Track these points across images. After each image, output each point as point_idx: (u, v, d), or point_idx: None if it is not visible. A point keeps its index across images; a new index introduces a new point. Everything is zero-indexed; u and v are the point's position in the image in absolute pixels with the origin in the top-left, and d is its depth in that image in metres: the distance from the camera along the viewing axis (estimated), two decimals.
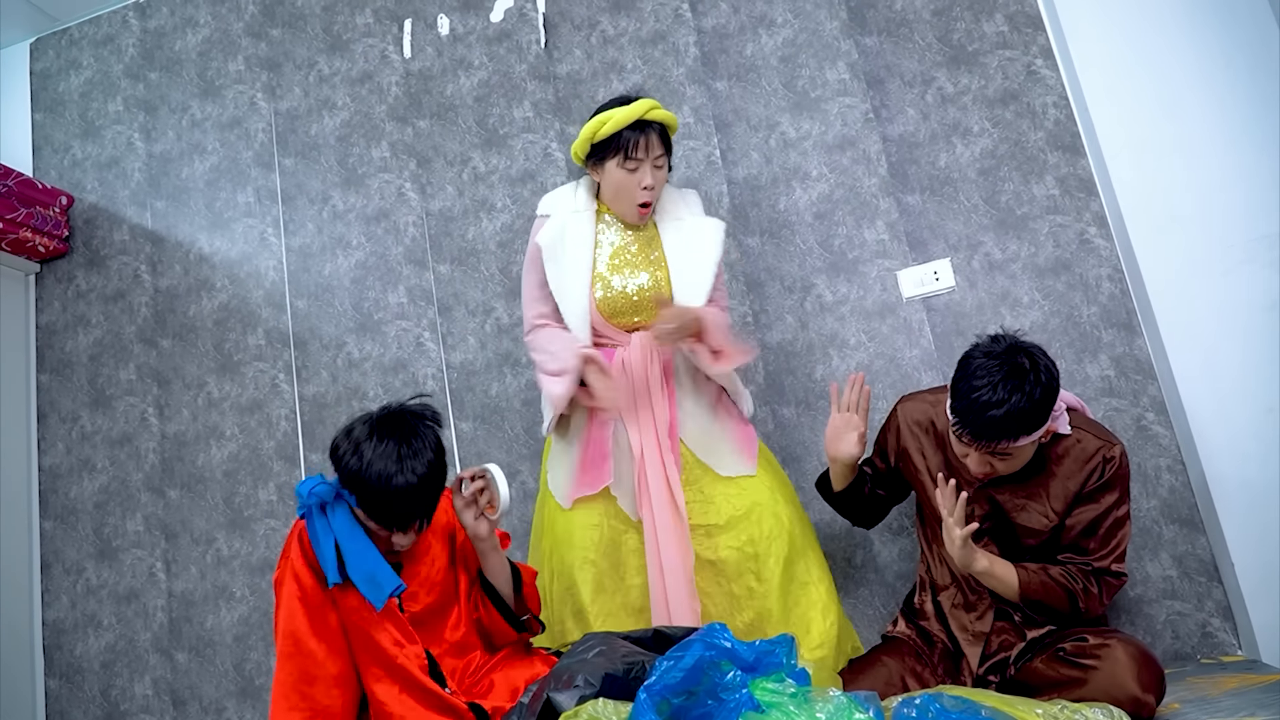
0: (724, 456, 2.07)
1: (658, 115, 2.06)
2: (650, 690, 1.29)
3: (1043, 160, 2.51)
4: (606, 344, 2.11)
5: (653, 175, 2.06)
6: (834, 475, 2.05)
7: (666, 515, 1.99)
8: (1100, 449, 1.78)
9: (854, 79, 2.68)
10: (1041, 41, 2.57)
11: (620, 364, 2.07)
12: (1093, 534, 1.78)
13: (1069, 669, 1.68)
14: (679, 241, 2.12)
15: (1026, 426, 1.68)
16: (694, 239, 2.13)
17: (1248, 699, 1.69)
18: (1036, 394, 1.67)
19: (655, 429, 2.04)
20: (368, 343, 2.92)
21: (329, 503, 1.63)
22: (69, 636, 2.97)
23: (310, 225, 3.06)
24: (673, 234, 2.14)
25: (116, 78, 3.40)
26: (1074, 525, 1.79)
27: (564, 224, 2.15)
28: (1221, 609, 2.19)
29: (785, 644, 1.41)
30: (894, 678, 1.84)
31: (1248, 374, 2.20)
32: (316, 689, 1.60)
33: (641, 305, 2.10)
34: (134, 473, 3.03)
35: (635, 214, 2.11)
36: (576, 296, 2.09)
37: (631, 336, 2.10)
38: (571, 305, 2.09)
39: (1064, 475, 1.79)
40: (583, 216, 2.15)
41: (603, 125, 2.05)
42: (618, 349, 2.10)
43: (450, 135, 2.99)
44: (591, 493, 2.05)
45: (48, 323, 3.27)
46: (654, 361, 2.07)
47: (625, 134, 2.04)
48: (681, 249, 2.11)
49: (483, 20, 3.03)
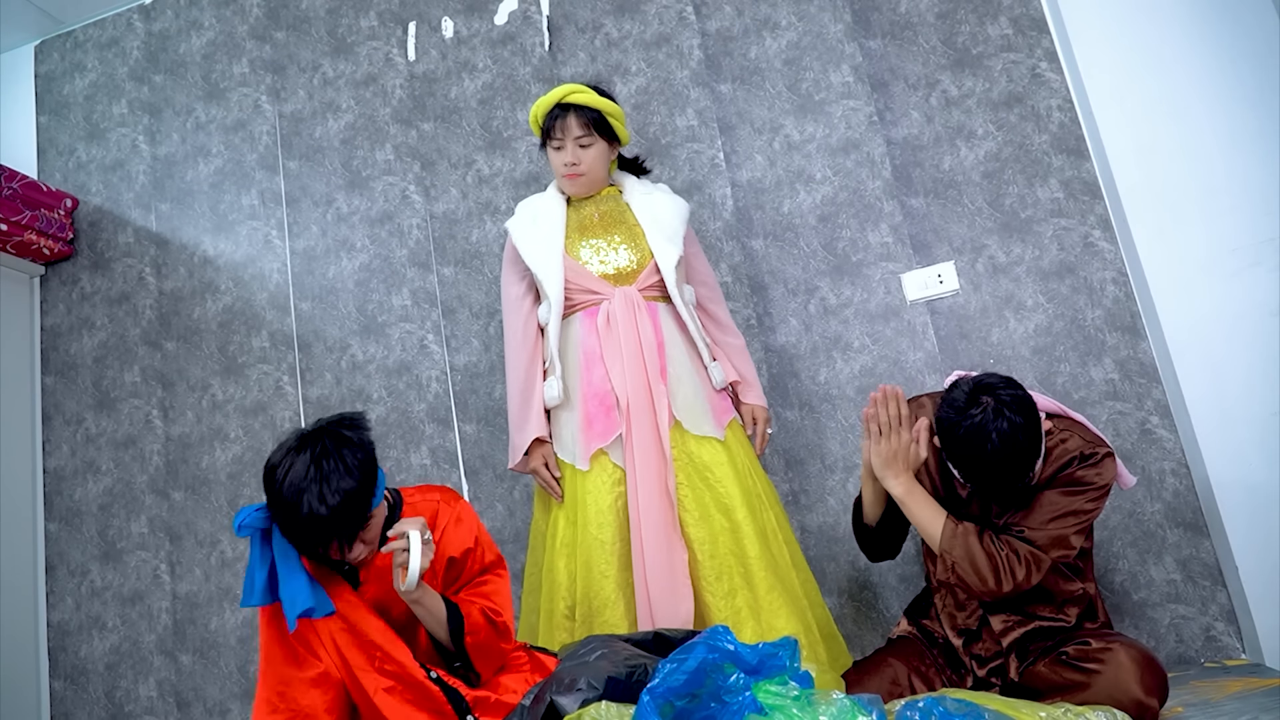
0: (697, 415, 2.10)
1: (574, 99, 2.18)
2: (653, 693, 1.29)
3: (1047, 163, 2.51)
4: (589, 301, 2.16)
5: (574, 153, 2.19)
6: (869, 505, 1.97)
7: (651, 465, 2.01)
8: (1081, 448, 1.75)
9: (858, 82, 2.68)
10: (1046, 44, 2.57)
11: (605, 316, 2.12)
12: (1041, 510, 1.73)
13: (1072, 672, 1.68)
14: (648, 205, 2.25)
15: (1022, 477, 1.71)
16: (658, 207, 2.25)
17: (1251, 703, 1.69)
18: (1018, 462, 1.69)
19: (647, 378, 2.07)
20: (372, 345, 2.92)
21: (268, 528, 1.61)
22: (74, 638, 2.97)
23: (314, 228, 3.07)
24: (643, 203, 2.25)
25: (121, 80, 3.41)
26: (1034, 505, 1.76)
27: (534, 211, 2.28)
28: (1225, 613, 2.19)
29: (789, 647, 1.41)
30: (899, 679, 1.84)
31: (1252, 377, 2.20)
32: (295, 690, 1.61)
33: (618, 259, 2.18)
34: (138, 475, 3.04)
35: (567, 184, 2.25)
36: (550, 256, 2.17)
37: (615, 290, 2.14)
38: (546, 267, 2.16)
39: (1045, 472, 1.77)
40: (551, 202, 2.28)
41: (536, 112, 2.23)
42: (602, 303, 2.14)
43: (454, 138, 3.00)
44: (604, 443, 2.06)
45: (52, 325, 3.27)
46: (641, 312, 2.12)
47: (546, 121, 2.21)
48: (648, 214, 2.23)
49: (487, 23, 3.04)
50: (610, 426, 2.07)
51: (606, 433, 2.07)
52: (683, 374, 2.13)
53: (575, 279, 2.15)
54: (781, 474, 2.52)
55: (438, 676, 1.62)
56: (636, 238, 2.20)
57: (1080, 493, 1.72)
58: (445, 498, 1.79)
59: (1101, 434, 1.82)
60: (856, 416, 2.50)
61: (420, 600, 1.62)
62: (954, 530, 1.76)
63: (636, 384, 2.06)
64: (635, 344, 2.09)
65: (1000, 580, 1.71)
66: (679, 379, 2.12)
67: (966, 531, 1.75)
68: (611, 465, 2.06)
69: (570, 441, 2.12)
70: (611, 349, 2.10)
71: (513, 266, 2.26)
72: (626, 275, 2.17)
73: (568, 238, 2.21)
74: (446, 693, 1.60)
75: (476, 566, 1.76)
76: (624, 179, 2.32)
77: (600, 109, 2.19)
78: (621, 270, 2.17)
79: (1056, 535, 1.71)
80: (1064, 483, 1.74)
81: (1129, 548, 2.26)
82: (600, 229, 2.21)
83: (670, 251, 2.16)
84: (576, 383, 2.13)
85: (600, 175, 2.24)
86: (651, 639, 1.79)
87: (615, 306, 2.12)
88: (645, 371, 2.07)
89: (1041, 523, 1.72)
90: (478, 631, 1.66)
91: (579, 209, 2.26)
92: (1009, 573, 1.71)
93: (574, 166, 2.19)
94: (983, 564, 1.72)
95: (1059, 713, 1.45)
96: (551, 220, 2.23)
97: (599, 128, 2.19)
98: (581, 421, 2.10)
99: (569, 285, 2.15)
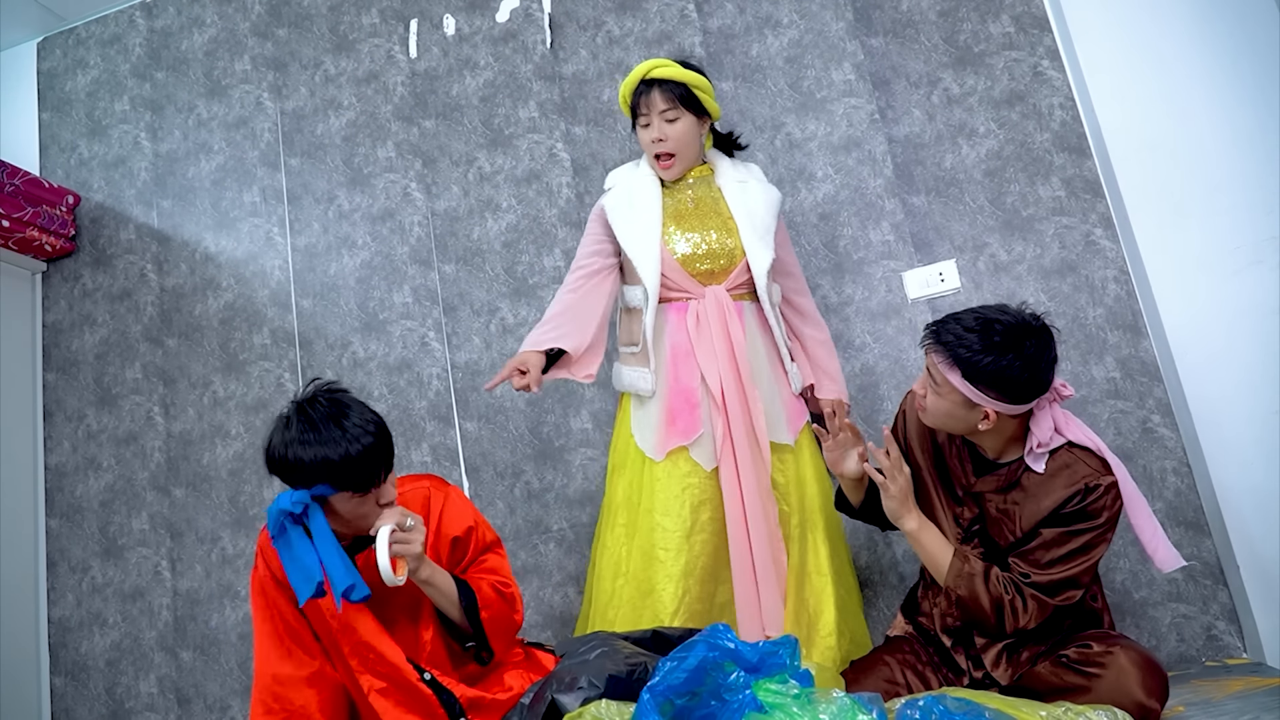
0: (774, 420, 2.12)
1: (657, 73, 2.15)
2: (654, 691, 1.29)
3: (1049, 161, 2.51)
4: (679, 297, 2.16)
5: (660, 129, 2.15)
6: (847, 491, 2.02)
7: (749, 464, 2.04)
8: (1087, 476, 1.70)
9: (860, 80, 2.68)
10: (1048, 42, 2.57)
11: (695, 316, 2.12)
12: (1047, 549, 1.71)
13: (1073, 675, 1.68)
14: (742, 200, 2.20)
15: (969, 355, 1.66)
16: (753, 201, 2.21)
17: (1252, 702, 1.69)
18: (999, 336, 1.65)
19: (739, 380, 2.07)
20: (373, 342, 2.92)
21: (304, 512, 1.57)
22: (74, 634, 2.98)
23: (316, 225, 3.07)
24: (737, 194, 2.21)
25: (123, 77, 3.41)
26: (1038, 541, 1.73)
27: (630, 189, 2.24)
28: (1227, 612, 2.19)
29: (789, 645, 1.41)
30: (897, 677, 1.83)
31: (1254, 376, 2.20)
32: (289, 689, 1.61)
33: (713, 254, 2.16)
34: (139, 471, 3.04)
35: (657, 167, 2.21)
36: (648, 246, 2.15)
37: (706, 289, 2.14)
38: (644, 257, 2.14)
39: (1044, 494, 1.73)
40: (646, 182, 2.24)
41: (624, 92, 2.21)
42: (690, 301, 2.14)
43: (456, 135, 2.99)
44: (685, 441, 2.07)
45: (54, 321, 3.28)
46: (731, 315, 2.12)
47: (632, 99, 2.19)
48: (743, 210, 2.19)
49: (488, 20, 3.04)
50: (693, 425, 2.08)
51: (689, 431, 2.08)
52: (761, 377, 2.13)
53: (670, 275, 2.14)
54: None
55: (432, 678, 1.62)
56: (731, 231, 2.17)
57: (1084, 532, 1.69)
58: (434, 484, 1.79)
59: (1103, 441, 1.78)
60: (858, 415, 2.50)
61: (430, 580, 1.62)
62: (960, 568, 1.76)
63: (731, 386, 2.07)
64: (727, 345, 2.10)
65: (1003, 623, 1.72)
66: (762, 384, 2.12)
67: (973, 572, 1.74)
68: (688, 461, 2.07)
69: (649, 431, 2.12)
70: (703, 348, 2.10)
71: (601, 233, 2.23)
72: (719, 273, 2.16)
73: (664, 225, 2.18)
74: (440, 694, 1.60)
75: (479, 545, 1.77)
76: (717, 159, 2.29)
77: (687, 81, 2.15)
78: (714, 268, 2.16)
79: (1063, 577, 1.69)
80: (1069, 519, 1.70)
81: (1130, 546, 2.26)
82: (695, 219, 2.18)
83: (764, 254, 2.14)
84: (663, 375, 2.14)
85: (691, 153, 2.21)
86: (650, 637, 1.79)
87: (706, 306, 2.12)
88: (738, 374, 2.08)
89: (1048, 563, 1.70)
90: (491, 605, 1.67)
91: (674, 193, 2.23)
92: (1011, 616, 1.71)
93: (661, 143, 2.16)
94: (987, 605, 1.72)
95: (1060, 712, 1.45)
96: (648, 205, 2.19)
97: (686, 102, 2.16)
98: (665, 415, 2.11)
99: (664, 279, 2.14)
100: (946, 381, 1.70)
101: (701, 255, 2.15)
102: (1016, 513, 1.76)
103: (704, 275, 2.15)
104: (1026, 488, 1.75)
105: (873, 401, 2.51)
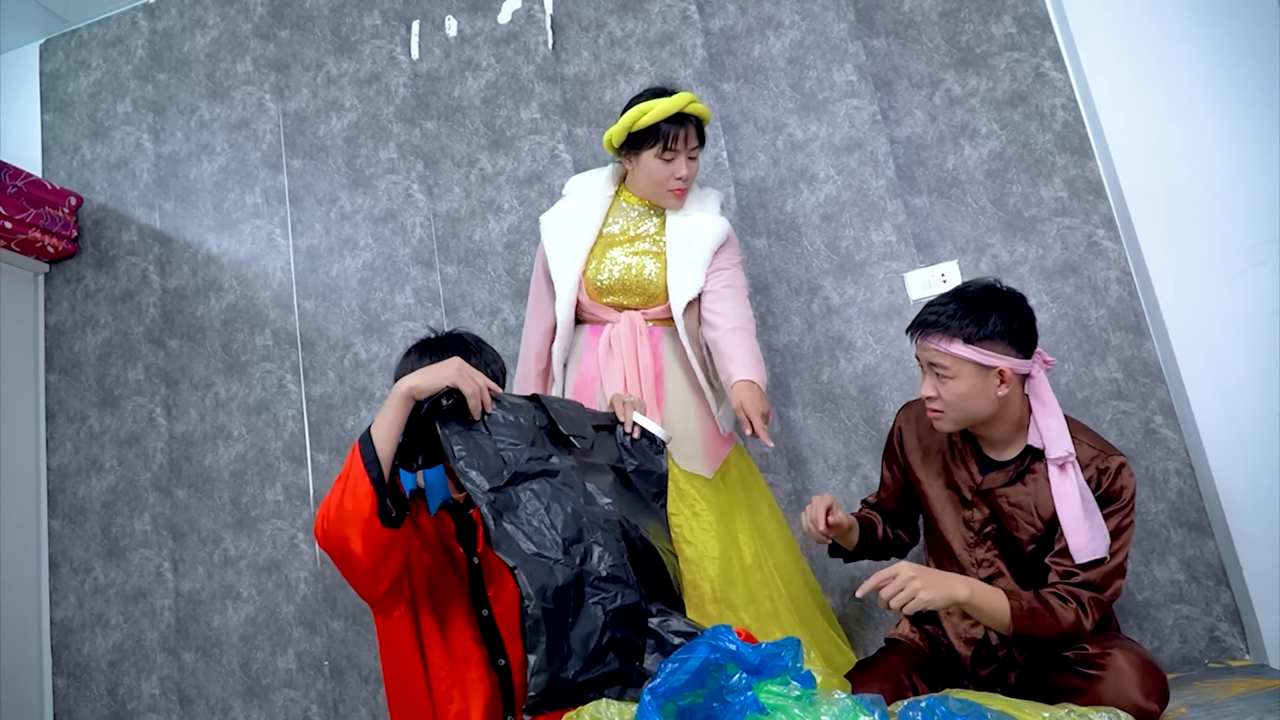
0: (688, 453, 2.06)
1: (697, 109, 2.10)
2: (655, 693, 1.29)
3: (1051, 162, 2.51)
4: (592, 320, 2.16)
5: (687, 166, 2.11)
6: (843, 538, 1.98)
7: None
8: (1094, 459, 1.71)
9: (861, 81, 2.68)
10: (1050, 43, 2.57)
11: (607, 341, 2.10)
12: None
13: (1072, 678, 1.67)
14: (680, 234, 2.15)
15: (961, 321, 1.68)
16: (695, 233, 2.15)
17: (1255, 704, 1.68)
18: (977, 295, 1.70)
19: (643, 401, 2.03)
20: (375, 343, 2.92)
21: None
22: (76, 635, 2.98)
23: (318, 226, 3.07)
24: (678, 227, 2.16)
25: (125, 79, 3.42)
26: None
27: (575, 204, 2.22)
28: (1229, 613, 2.18)
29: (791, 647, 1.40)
30: (899, 680, 1.83)
31: (1256, 377, 2.19)
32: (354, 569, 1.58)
33: (629, 287, 2.12)
34: (142, 472, 3.04)
35: (671, 199, 2.15)
36: (569, 270, 2.13)
37: (620, 315, 2.12)
38: (563, 277, 2.14)
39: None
40: (597, 199, 2.20)
41: (643, 115, 2.06)
42: (605, 325, 2.13)
43: (457, 137, 3.00)
44: None
45: (56, 323, 3.28)
46: (643, 339, 2.09)
47: (664, 126, 2.07)
48: (681, 242, 2.14)
49: (490, 22, 3.04)
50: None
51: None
52: (678, 409, 2.09)
53: (587, 304, 2.14)
54: (785, 473, 2.51)
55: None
56: (661, 265, 2.12)
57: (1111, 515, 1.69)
58: None
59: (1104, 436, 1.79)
60: (860, 416, 2.50)
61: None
62: (1021, 609, 1.66)
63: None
64: (634, 370, 2.07)
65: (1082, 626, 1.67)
66: (674, 413, 2.08)
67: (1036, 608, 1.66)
68: None
69: None
70: (611, 372, 2.07)
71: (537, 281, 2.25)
72: (634, 305, 2.13)
73: (597, 242, 2.16)
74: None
75: None
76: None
77: (707, 120, 2.14)
78: (627, 302, 2.13)
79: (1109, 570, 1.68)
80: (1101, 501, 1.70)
81: (1132, 548, 2.25)
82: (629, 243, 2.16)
83: (685, 287, 2.08)
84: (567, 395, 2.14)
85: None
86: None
87: (620, 331, 2.10)
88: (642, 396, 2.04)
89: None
90: None
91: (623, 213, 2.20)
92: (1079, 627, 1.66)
93: (683, 181, 2.11)
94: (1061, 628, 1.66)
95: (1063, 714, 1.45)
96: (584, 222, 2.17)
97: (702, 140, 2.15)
98: None
99: (580, 306, 2.14)
100: (954, 358, 1.70)
101: (616, 286, 2.11)
102: (1031, 503, 1.76)
103: (616, 306, 2.13)
104: (1039, 475, 1.75)
105: (875, 403, 2.51)
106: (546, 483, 1.55)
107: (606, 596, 1.47)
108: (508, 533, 1.47)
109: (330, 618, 2.77)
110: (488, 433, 1.58)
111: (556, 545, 1.48)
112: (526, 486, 1.54)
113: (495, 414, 1.61)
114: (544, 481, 1.55)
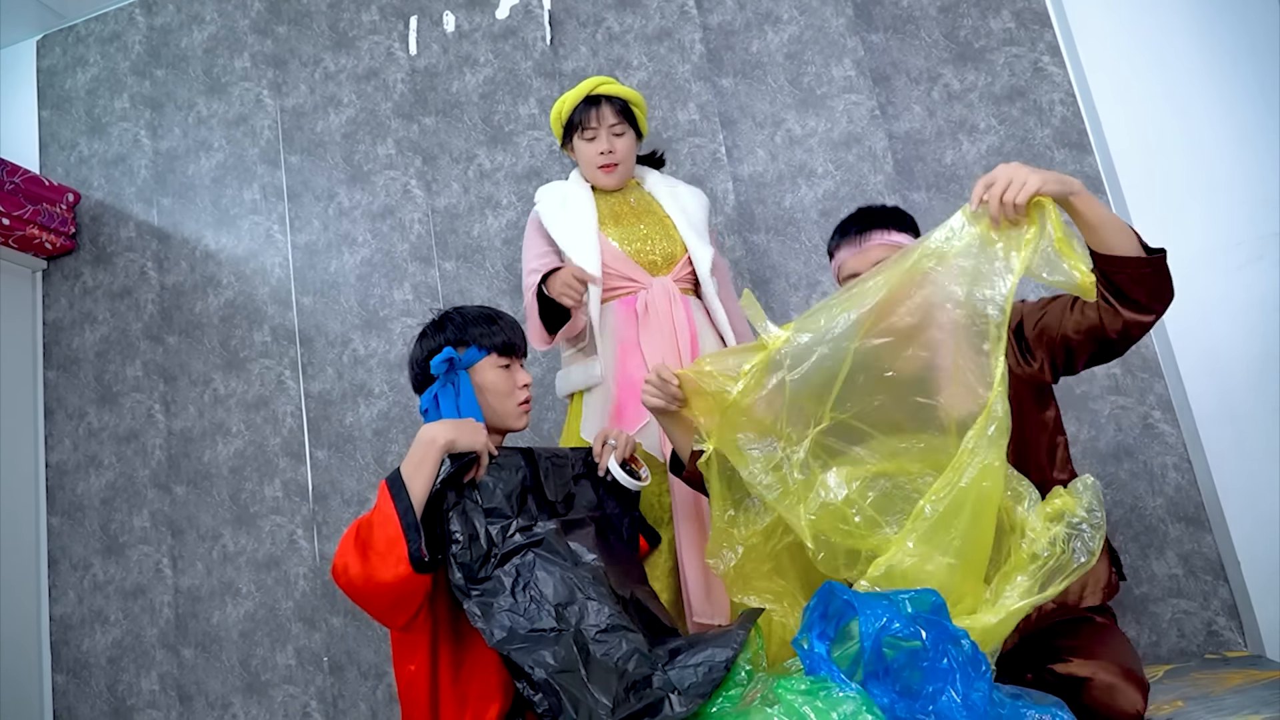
0: None
1: (608, 89, 2.19)
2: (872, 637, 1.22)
3: (1049, 158, 2.51)
4: (625, 289, 2.14)
5: (609, 141, 2.18)
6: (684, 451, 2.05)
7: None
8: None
9: (860, 76, 2.68)
10: (1049, 38, 2.57)
11: (644, 304, 2.10)
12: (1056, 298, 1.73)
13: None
14: (674, 198, 2.25)
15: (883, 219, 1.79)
16: (688, 200, 2.27)
17: (1252, 696, 1.68)
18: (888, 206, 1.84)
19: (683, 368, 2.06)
20: (373, 339, 2.92)
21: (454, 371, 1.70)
22: (76, 632, 2.98)
23: (316, 222, 3.07)
24: (669, 198, 2.25)
25: (123, 75, 3.41)
26: (1040, 327, 1.73)
27: (562, 195, 2.25)
28: (1227, 607, 2.19)
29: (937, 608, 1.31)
30: None
31: (1254, 372, 2.20)
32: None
33: (654, 243, 2.17)
34: (140, 469, 3.04)
35: (601, 176, 2.22)
36: (585, 239, 2.14)
37: (653, 280, 2.13)
38: (583, 249, 2.13)
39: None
40: (577, 189, 2.26)
41: (562, 108, 2.22)
42: (639, 292, 2.12)
43: (456, 132, 2.99)
44: (632, 430, 2.05)
45: (55, 319, 3.28)
46: (677, 303, 2.11)
47: (578, 110, 2.20)
48: (679, 207, 2.24)
49: (488, 17, 3.04)
50: (640, 413, 2.05)
51: (636, 419, 2.06)
52: None
53: (613, 263, 2.13)
54: None
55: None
56: (668, 229, 2.19)
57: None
58: None
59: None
60: None
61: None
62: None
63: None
64: (671, 335, 2.08)
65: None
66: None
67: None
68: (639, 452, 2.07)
69: (598, 425, 2.11)
70: (649, 338, 2.08)
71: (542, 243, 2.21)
72: (662, 265, 2.16)
73: (602, 225, 2.18)
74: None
75: None
76: (644, 172, 2.32)
77: (628, 98, 2.20)
78: (657, 260, 2.16)
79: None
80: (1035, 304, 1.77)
81: (1131, 542, 2.26)
82: (632, 217, 2.20)
83: (704, 250, 2.17)
84: (611, 370, 2.12)
85: (631, 166, 2.25)
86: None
87: (654, 295, 2.11)
88: (681, 362, 2.05)
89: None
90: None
91: (607, 198, 2.24)
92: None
93: (609, 155, 2.18)
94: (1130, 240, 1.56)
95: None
96: (582, 205, 2.21)
97: (627, 117, 2.21)
98: (613, 409, 2.10)
99: (607, 270, 2.12)
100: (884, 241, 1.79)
101: (641, 250, 2.17)
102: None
103: (650, 266, 2.15)
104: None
105: None
106: (533, 553, 1.55)
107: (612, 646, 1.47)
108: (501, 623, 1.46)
109: (329, 613, 2.77)
110: (478, 503, 1.58)
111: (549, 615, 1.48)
112: (512, 563, 1.53)
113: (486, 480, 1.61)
114: (530, 553, 1.55)
